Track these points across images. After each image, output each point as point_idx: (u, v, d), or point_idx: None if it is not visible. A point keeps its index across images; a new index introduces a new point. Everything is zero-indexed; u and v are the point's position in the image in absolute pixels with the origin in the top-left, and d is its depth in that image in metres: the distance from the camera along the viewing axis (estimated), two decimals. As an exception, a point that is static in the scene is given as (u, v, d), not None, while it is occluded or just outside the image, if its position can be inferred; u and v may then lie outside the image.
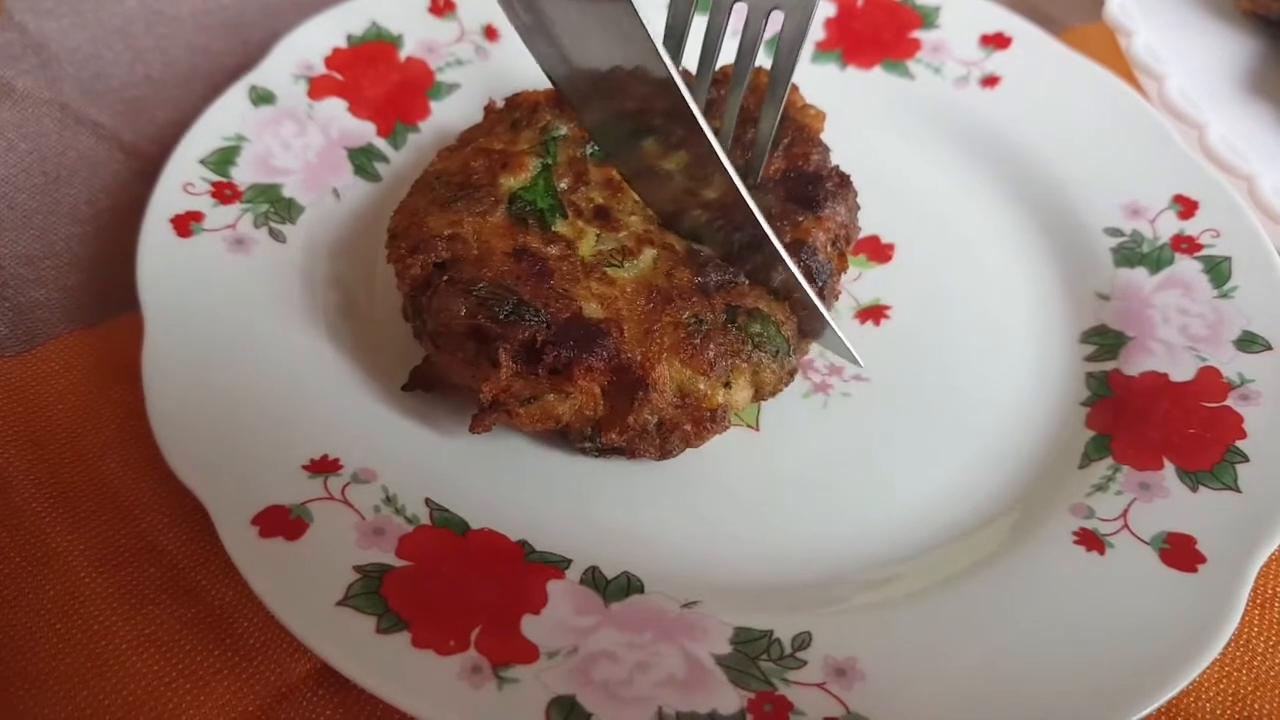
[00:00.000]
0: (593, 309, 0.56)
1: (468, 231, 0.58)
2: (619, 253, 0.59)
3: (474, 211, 0.59)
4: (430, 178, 0.63)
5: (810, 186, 0.63)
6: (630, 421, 0.55)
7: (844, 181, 0.65)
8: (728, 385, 0.57)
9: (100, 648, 0.53)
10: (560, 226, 0.60)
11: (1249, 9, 0.86)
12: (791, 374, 0.59)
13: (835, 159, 0.66)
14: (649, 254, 0.59)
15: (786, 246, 0.59)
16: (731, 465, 0.60)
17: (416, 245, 0.58)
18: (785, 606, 0.54)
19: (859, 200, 0.66)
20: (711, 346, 0.56)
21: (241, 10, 0.84)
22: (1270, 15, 0.85)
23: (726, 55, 0.63)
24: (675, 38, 0.63)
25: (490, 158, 0.63)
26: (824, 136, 0.67)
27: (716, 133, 0.57)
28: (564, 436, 0.58)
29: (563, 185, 0.62)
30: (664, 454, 0.57)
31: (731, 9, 0.61)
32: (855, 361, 0.62)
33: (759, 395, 0.59)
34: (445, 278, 0.57)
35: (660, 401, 0.55)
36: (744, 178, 0.59)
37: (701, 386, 0.56)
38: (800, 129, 0.66)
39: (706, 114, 0.60)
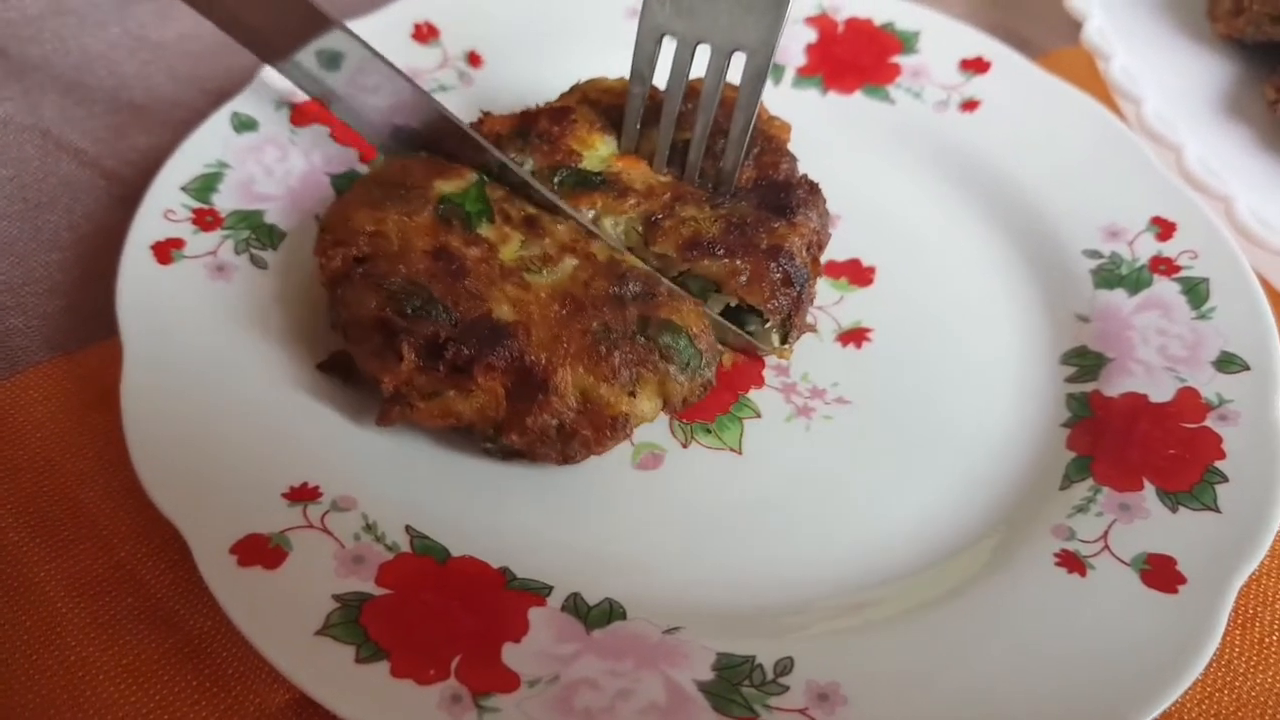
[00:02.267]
0: (503, 311, 0.57)
1: (390, 228, 0.60)
2: (539, 259, 0.60)
3: (401, 210, 0.61)
4: (369, 179, 0.65)
5: (783, 194, 0.65)
6: (529, 423, 0.56)
7: (814, 189, 0.66)
8: (632, 394, 0.57)
9: (77, 678, 0.52)
10: (484, 229, 0.62)
11: (1225, 32, 0.87)
12: (705, 387, 0.59)
13: (819, 181, 0.67)
14: (569, 262, 0.61)
15: (764, 252, 0.62)
16: (714, 489, 0.60)
17: (340, 239, 0.60)
18: (768, 631, 0.54)
19: (841, 223, 0.67)
20: (617, 354, 0.57)
21: (225, 37, 0.84)
22: (1246, 38, 0.86)
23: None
24: (641, 77, 0.66)
25: (429, 165, 0.65)
26: (796, 150, 0.69)
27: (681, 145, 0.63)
28: (469, 436, 0.59)
29: (498, 194, 0.64)
30: (565, 459, 0.57)
31: (695, 49, 0.64)
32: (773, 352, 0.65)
33: (669, 406, 0.59)
34: (360, 271, 0.58)
35: (560, 405, 0.56)
36: (716, 188, 0.65)
37: (604, 393, 0.56)
38: (769, 139, 0.68)
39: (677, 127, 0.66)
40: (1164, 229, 0.70)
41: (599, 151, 0.67)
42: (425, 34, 0.78)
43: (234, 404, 0.58)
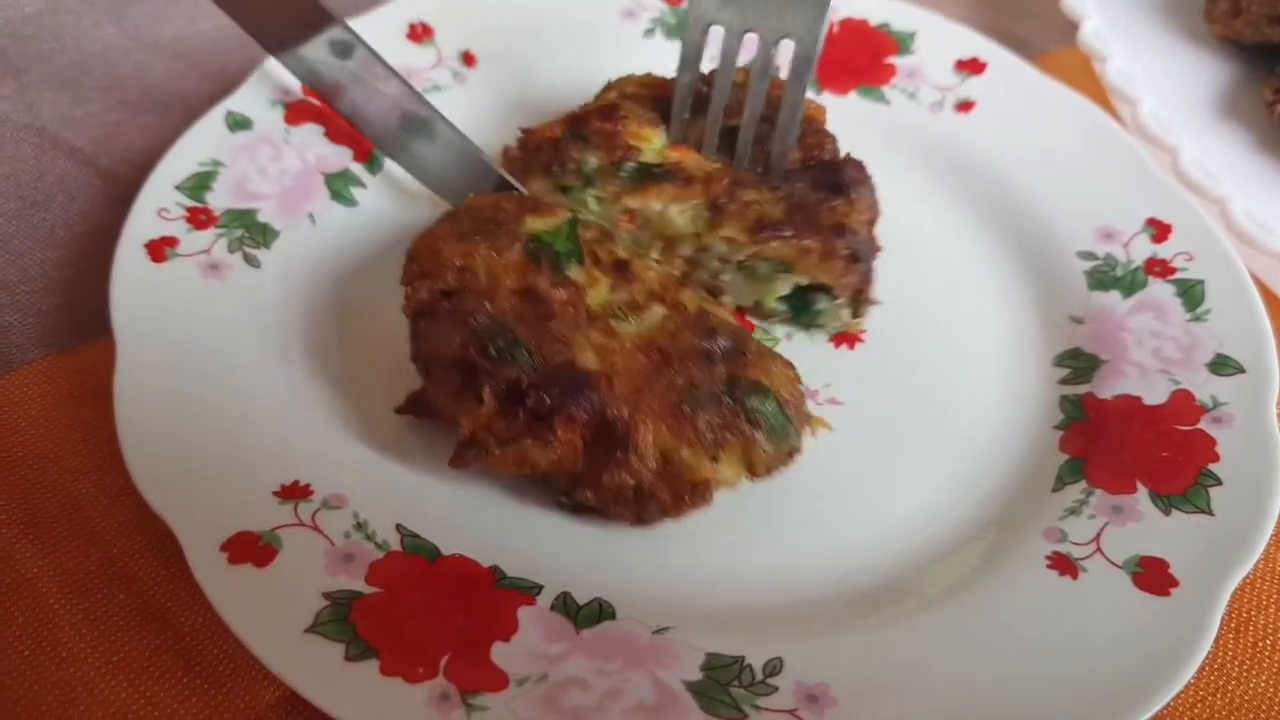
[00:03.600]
0: (587, 359, 0.55)
1: (479, 264, 0.58)
2: (627, 306, 0.59)
3: (490, 245, 0.59)
4: (461, 211, 0.62)
5: (835, 173, 0.66)
6: (605, 481, 0.53)
7: (861, 167, 0.68)
8: (715, 459, 0.55)
9: (68, 674, 0.52)
10: (573, 271, 0.60)
11: (1222, 33, 0.86)
12: (790, 454, 0.57)
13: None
14: (657, 311, 0.59)
15: (830, 230, 0.63)
16: (705, 489, 0.60)
17: (428, 270, 0.58)
18: (757, 632, 0.54)
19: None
20: (702, 416, 0.54)
21: (220, 37, 0.84)
22: (1243, 39, 0.85)
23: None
24: (690, 66, 0.67)
25: (522, 202, 0.63)
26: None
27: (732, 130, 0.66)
28: (543, 486, 0.57)
29: (590, 235, 0.62)
30: (639, 520, 0.55)
31: (742, 37, 0.66)
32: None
33: (752, 473, 0.56)
34: (447, 306, 0.57)
35: (639, 465, 0.53)
36: (766, 171, 0.67)
37: (686, 456, 0.54)
38: (808, 120, 0.69)
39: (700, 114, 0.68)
40: (1159, 231, 0.70)
41: (653, 143, 0.68)
42: (419, 34, 0.78)
43: (226, 402, 0.58)
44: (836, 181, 0.65)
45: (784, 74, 0.66)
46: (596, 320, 0.58)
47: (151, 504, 0.53)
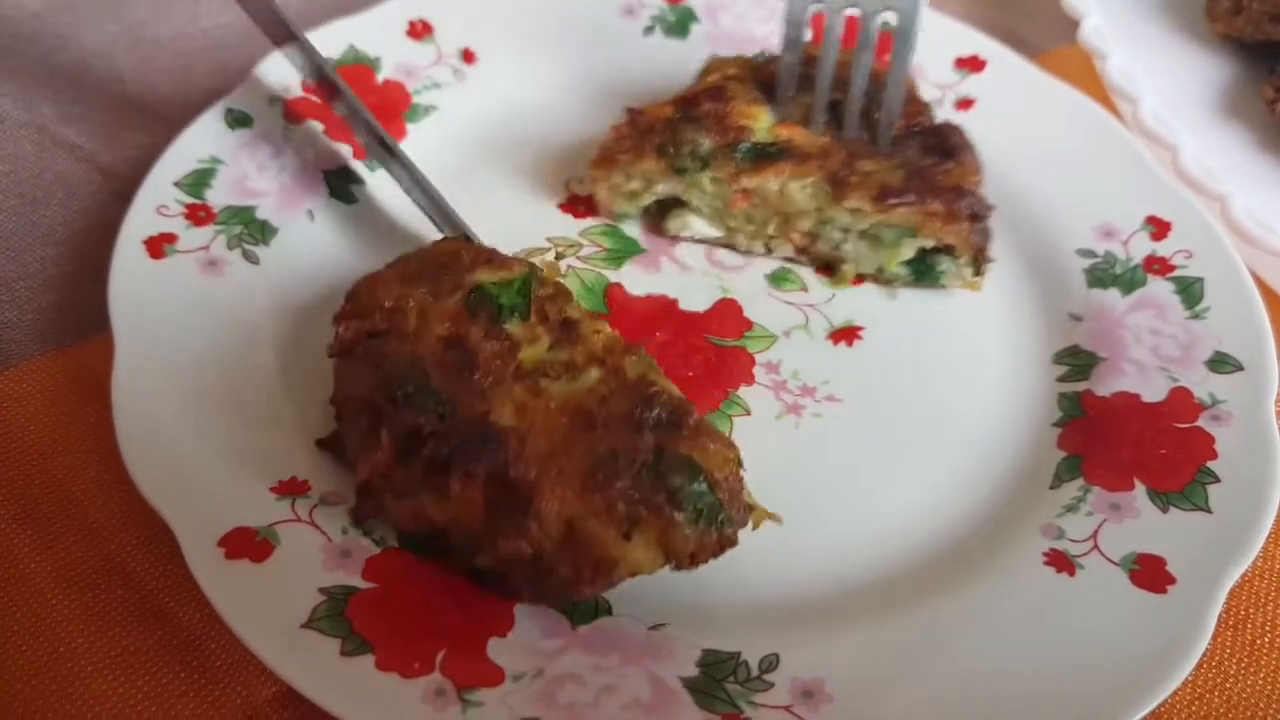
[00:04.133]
0: (504, 415, 0.52)
1: (412, 308, 0.56)
2: (562, 366, 0.55)
3: (429, 289, 0.57)
4: (414, 255, 0.60)
5: (942, 138, 0.68)
6: (500, 546, 0.49)
7: (961, 130, 0.70)
8: (627, 537, 0.49)
9: (66, 670, 0.53)
10: (512, 326, 0.56)
11: (1223, 31, 0.86)
12: (721, 544, 0.51)
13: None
14: (593, 374, 0.54)
15: (949, 191, 0.65)
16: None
17: (359, 310, 0.57)
18: (753, 628, 0.54)
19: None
20: (617, 486, 0.49)
21: (222, 34, 0.85)
22: (1244, 37, 0.85)
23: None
24: (794, 45, 0.69)
25: (480, 252, 0.60)
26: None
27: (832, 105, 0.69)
28: (449, 551, 0.53)
29: (544, 292, 0.58)
30: (536, 596, 0.51)
31: (843, 13, 0.67)
32: None
33: (673, 559, 0.50)
34: (364, 346, 0.55)
35: (539, 532, 0.49)
36: (873, 141, 0.69)
37: (593, 528, 0.49)
38: (906, 90, 0.69)
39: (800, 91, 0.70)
40: (1159, 228, 0.70)
41: (761, 122, 0.69)
42: (420, 31, 0.78)
43: (224, 398, 0.58)
44: (945, 145, 0.68)
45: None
46: (524, 377, 0.54)
47: (148, 499, 0.53)
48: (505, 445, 0.50)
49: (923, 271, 0.69)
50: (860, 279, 0.70)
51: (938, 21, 0.83)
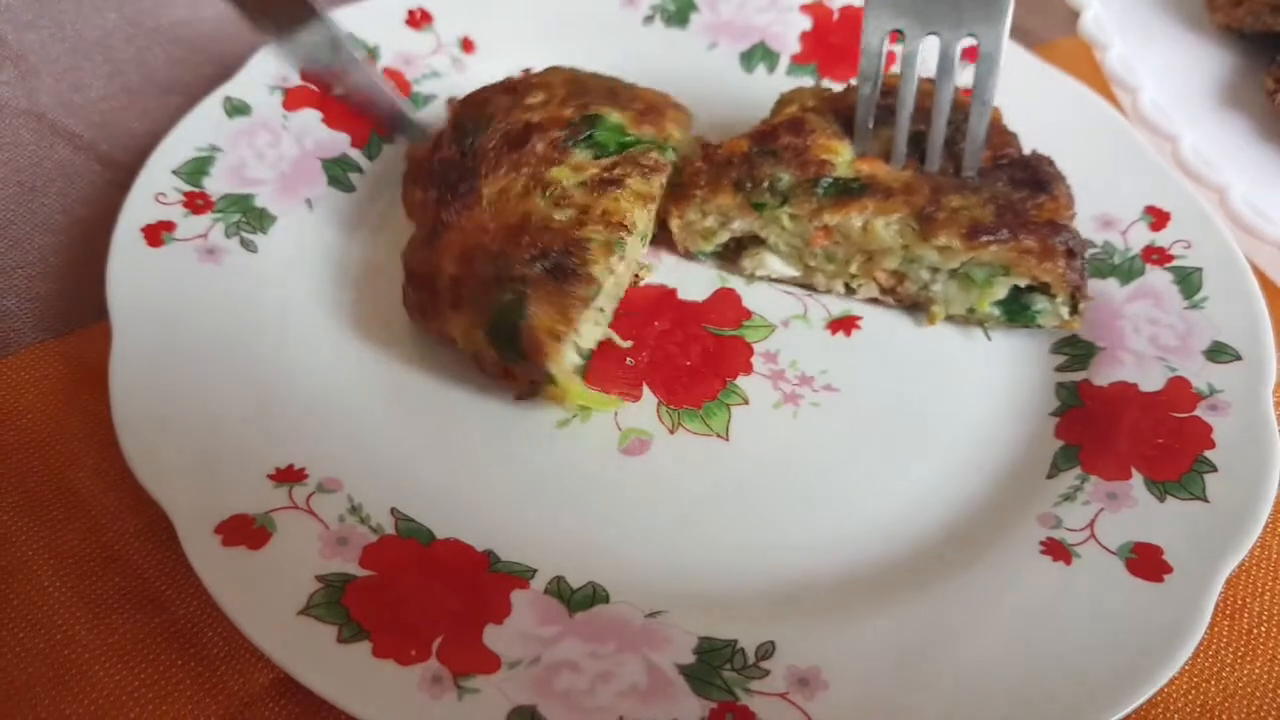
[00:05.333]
0: (490, 186, 0.62)
1: (542, 102, 0.67)
2: (560, 195, 0.62)
3: (571, 95, 0.68)
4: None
5: (1032, 170, 0.65)
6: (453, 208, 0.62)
7: (1052, 161, 0.66)
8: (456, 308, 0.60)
9: (63, 657, 0.53)
10: (580, 151, 0.64)
11: (1223, 22, 0.86)
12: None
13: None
14: (568, 214, 0.61)
15: (1043, 229, 0.62)
16: (700, 474, 0.60)
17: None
18: (750, 616, 0.54)
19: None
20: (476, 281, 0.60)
21: (221, 23, 0.84)
22: (1244, 28, 0.85)
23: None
24: (871, 78, 0.65)
25: (652, 105, 0.68)
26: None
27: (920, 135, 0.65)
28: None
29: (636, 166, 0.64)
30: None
31: (922, 41, 0.64)
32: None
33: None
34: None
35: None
36: (958, 174, 0.65)
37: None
38: (992, 120, 0.67)
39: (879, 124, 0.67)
40: (1158, 218, 0.70)
41: (843, 156, 0.66)
42: (419, 20, 0.78)
43: (222, 385, 0.58)
44: (1036, 178, 0.64)
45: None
46: (540, 181, 0.62)
47: (145, 486, 0.53)
48: (472, 198, 0.62)
49: (1016, 312, 0.65)
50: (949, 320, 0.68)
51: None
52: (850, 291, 0.68)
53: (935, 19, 0.63)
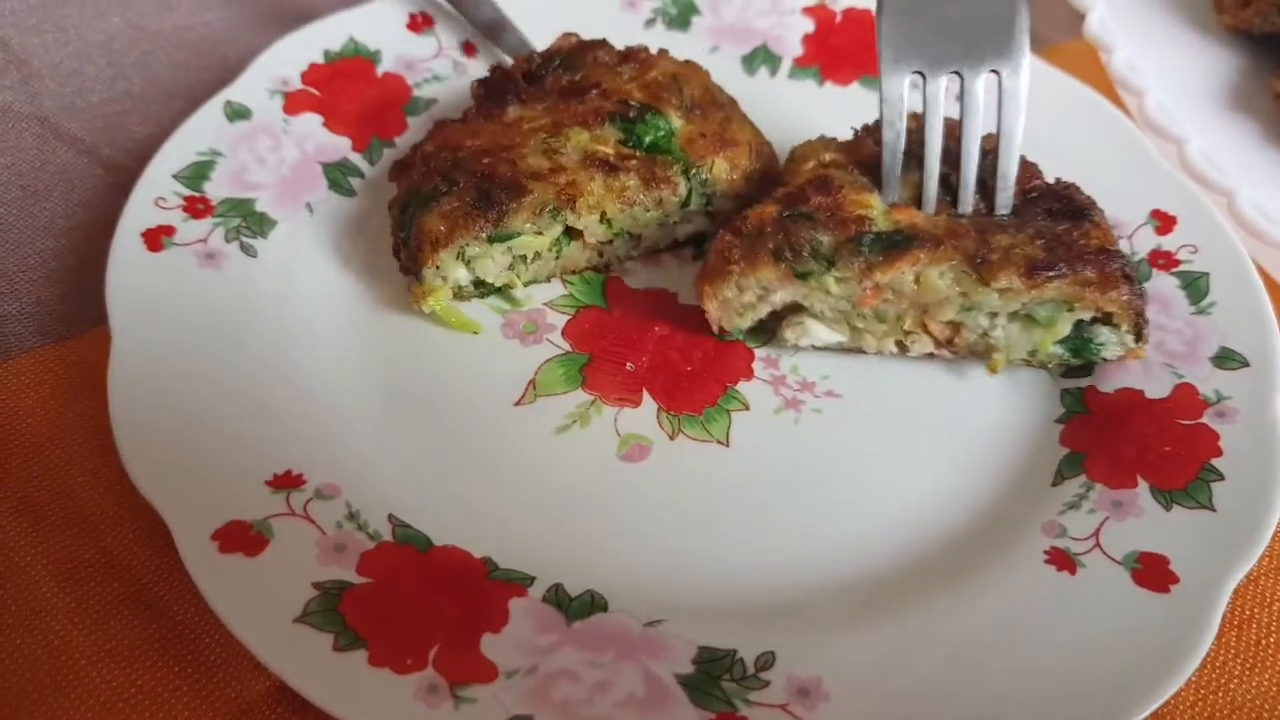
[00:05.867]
0: (508, 124, 0.67)
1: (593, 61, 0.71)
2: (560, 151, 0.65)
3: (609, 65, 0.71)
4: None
5: (1066, 200, 0.63)
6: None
7: (1079, 188, 0.65)
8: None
9: (60, 663, 0.52)
10: (613, 125, 0.67)
11: (1230, 24, 0.85)
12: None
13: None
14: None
15: (1096, 255, 0.60)
16: (701, 482, 0.60)
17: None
18: (750, 625, 0.53)
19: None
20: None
21: (224, 27, 0.84)
22: (1251, 30, 0.84)
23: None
24: (894, 126, 0.63)
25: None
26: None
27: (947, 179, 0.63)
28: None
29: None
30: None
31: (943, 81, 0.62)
32: None
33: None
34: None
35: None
36: (991, 212, 0.62)
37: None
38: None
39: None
40: (1164, 223, 0.69)
41: (877, 209, 0.63)
42: (420, 24, 0.78)
43: (220, 391, 0.58)
44: (1072, 207, 0.62)
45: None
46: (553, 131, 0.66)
47: (142, 491, 0.53)
48: (499, 111, 0.67)
49: (1080, 347, 0.62)
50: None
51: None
52: (903, 350, 0.65)
53: (952, 59, 0.61)
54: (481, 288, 0.65)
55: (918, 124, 0.64)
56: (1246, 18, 0.84)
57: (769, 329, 0.65)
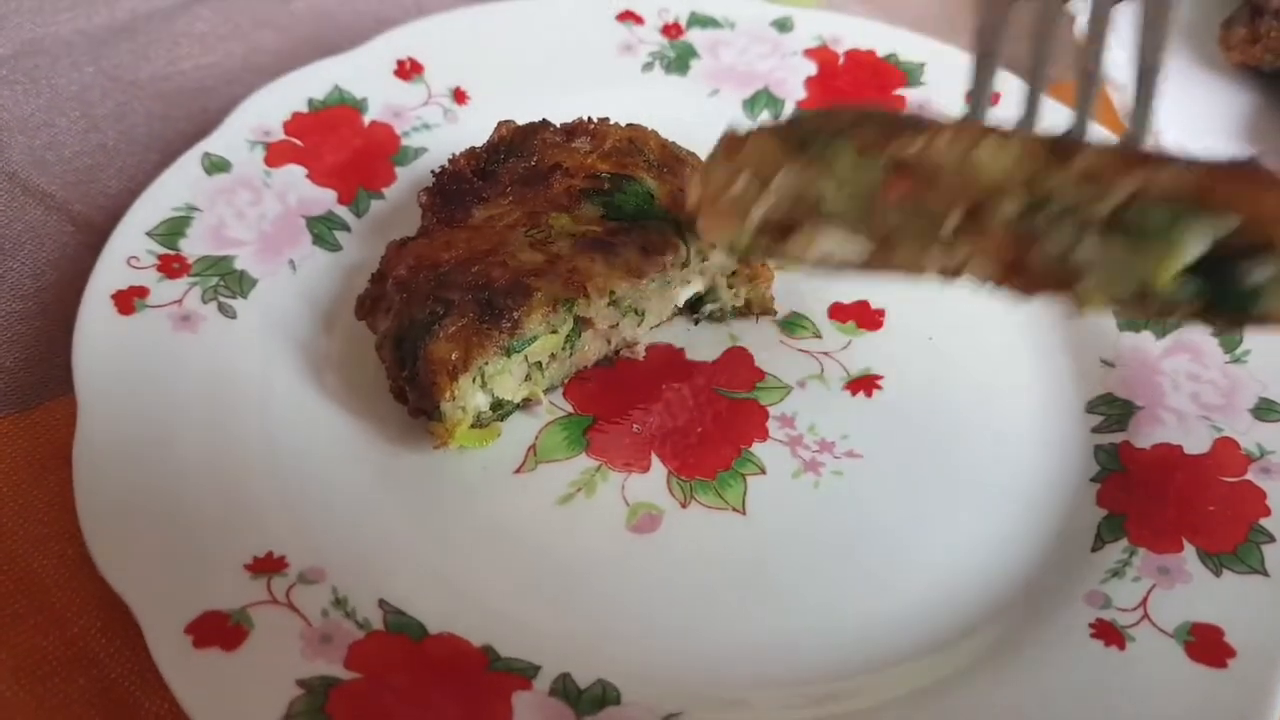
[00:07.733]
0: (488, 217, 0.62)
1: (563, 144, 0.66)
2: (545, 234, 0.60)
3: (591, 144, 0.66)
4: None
5: None
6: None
7: None
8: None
9: (18, 771, 0.48)
10: (590, 205, 0.62)
11: (1239, 61, 0.84)
12: None
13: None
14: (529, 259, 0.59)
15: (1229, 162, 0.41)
16: (716, 556, 0.56)
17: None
18: (776, 714, 0.49)
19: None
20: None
21: (202, 77, 0.81)
22: (1262, 67, 0.83)
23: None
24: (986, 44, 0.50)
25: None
26: None
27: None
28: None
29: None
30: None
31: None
32: None
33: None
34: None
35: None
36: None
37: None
38: None
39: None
40: (1191, 267, 0.66)
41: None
42: (408, 70, 0.75)
43: (195, 466, 0.54)
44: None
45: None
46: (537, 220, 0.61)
47: (109, 581, 0.49)
48: (463, 215, 0.62)
49: (1224, 291, 0.42)
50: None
51: (947, 54, 0.80)
52: (954, 273, 0.46)
53: None
54: (500, 408, 0.60)
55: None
56: (1255, 54, 0.82)
57: (773, 248, 0.50)
